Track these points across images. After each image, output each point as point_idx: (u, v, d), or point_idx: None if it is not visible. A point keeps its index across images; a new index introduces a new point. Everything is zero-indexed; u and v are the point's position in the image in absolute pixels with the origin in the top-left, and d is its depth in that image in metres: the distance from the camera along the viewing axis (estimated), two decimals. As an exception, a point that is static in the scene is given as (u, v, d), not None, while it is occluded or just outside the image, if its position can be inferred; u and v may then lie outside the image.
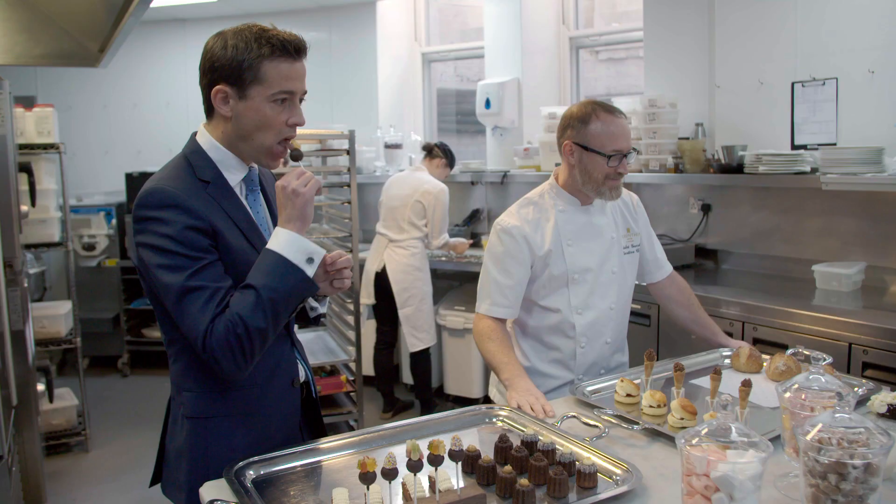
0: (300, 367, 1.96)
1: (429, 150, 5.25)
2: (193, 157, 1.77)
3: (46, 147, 4.70)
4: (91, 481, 4.40)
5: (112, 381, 6.36)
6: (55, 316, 4.72)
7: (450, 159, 5.25)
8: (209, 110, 1.77)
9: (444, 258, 5.37)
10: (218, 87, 1.71)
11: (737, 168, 4.11)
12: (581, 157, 2.42)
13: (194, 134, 1.82)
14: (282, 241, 1.67)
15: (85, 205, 6.45)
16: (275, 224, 1.84)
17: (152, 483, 1.96)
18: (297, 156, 1.81)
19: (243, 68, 1.68)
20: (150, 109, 7.07)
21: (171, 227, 1.64)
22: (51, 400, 4.55)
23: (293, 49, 1.71)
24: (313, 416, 2.05)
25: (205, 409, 1.80)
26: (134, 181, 6.44)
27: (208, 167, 1.76)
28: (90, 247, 6.36)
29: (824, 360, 1.71)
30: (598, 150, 2.38)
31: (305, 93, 1.78)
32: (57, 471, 4.52)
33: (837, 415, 1.37)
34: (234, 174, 1.80)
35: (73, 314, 4.84)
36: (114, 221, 6.43)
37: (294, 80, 1.72)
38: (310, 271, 1.68)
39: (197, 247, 1.66)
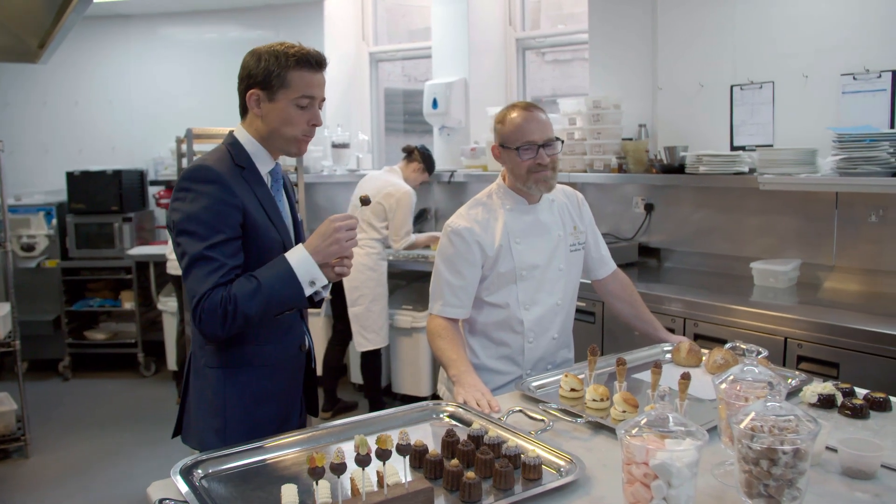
0: (306, 336, 2.24)
1: (408, 153, 5.20)
2: (232, 147, 2.06)
3: (-18, 144, 4.57)
4: (31, 488, 4.30)
5: (53, 384, 6.21)
6: (-7, 318, 4.61)
7: (428, 164, 5.19)
8: (244, 111, 2.07)
9: (421, 257, 5.29)
10: (252, 90, 2.01)
11: (678, 168, 4.21)
12: (505, 158, 2.50)
13: (232, 131, 2.10)
14: (299, 258, 1.94)
15: (24, 204, 6.28)
16: (293, 217, 2.22)
17: (174, 435, 2.21)
18: (365, 201, 2.08)
19: (272, 76, 1.98)
20: (92, 107, 6.90)
21: (207, 200, 1.91)
22: (-12, 404, 4.44)
23: (314, 61, 2.03)
24: (310, 386, 2.31)
25: (227, 360, 2.05)
26: (75, 180, 6.30)
27: (244, 156, 2.05)
28: (29, 247, 6.20)
29: (759, 353, 1.78)
30: (511, 145, 2.45)
31: (324, 100, 2.10)
32: (-5, 477, 4.41)
33: (769, 404, 1.43)
34: (263, 166, 2.09)
35: (12, 316, 4.71)
36: (54, 221, 6.28)
37: (315, 87, 2.03)
38: (307, 291, 1.95)
39: (223, 222, 1.91)
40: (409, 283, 5.79)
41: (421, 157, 5.16)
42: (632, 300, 2.80)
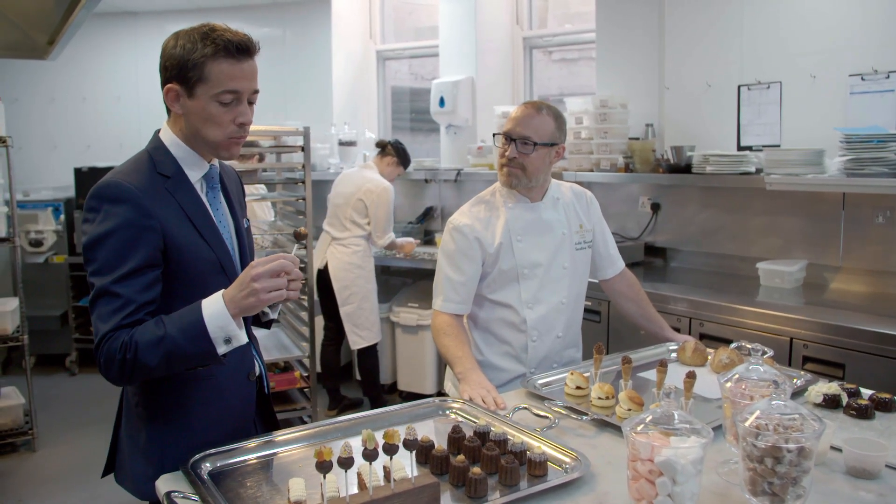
0: (255, 361, 1.98)
1: (382, 148, 5.22)
2: (156, 153, 1.79)
3: (-8, 140, 4.59)
4: (38, 481, 4.32)
5: (60, 379, 6.24)
6: (1, 313, 4.62)
7: (402, 158, 5.21)
8: (168, 107, 1.79)
9: (397, 256, 5.37)
10: (169, 85, 1.75)
11: (685, 168, 4.21)
12: None
13: (158, 131, 1.83)
14: (214, 311, 1.62)
15: (32, 200, 6.30)
16: (235, 222, 1.91)
17: (104, 474, 1.97)
18: (301, 236, 1.80)
19: (188, 67, 1.70)
20: (100, 103, 6.94)
21: (116, 223, 1.65)
22: (-4, 398, 4.46)
23: (235, 49, 1.70)
24: (266, 410, 2.08)
25: (161, 400, 1.81)
26: (83, 176, 6.31)
27: (170, 163, 1.78)
28: (37, 243, 6.22)
29: (765, 353, 1.78)
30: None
31: (257, 92, 1.78)
32: (2, 471, 4.43)
33: (774, 402, 1.43)
34: (195, 171, 1.81)
35: (20, 311, 4.74)
36: (62, 217, 6.30)
37: (239, 80, 1.72)
38: (221, 350, 1.63)
39: (133, 249, 1.65)
40: (414, 281, 5.81)
41: (395, 151, 5.18)
42: (638, 299, 2.80)
